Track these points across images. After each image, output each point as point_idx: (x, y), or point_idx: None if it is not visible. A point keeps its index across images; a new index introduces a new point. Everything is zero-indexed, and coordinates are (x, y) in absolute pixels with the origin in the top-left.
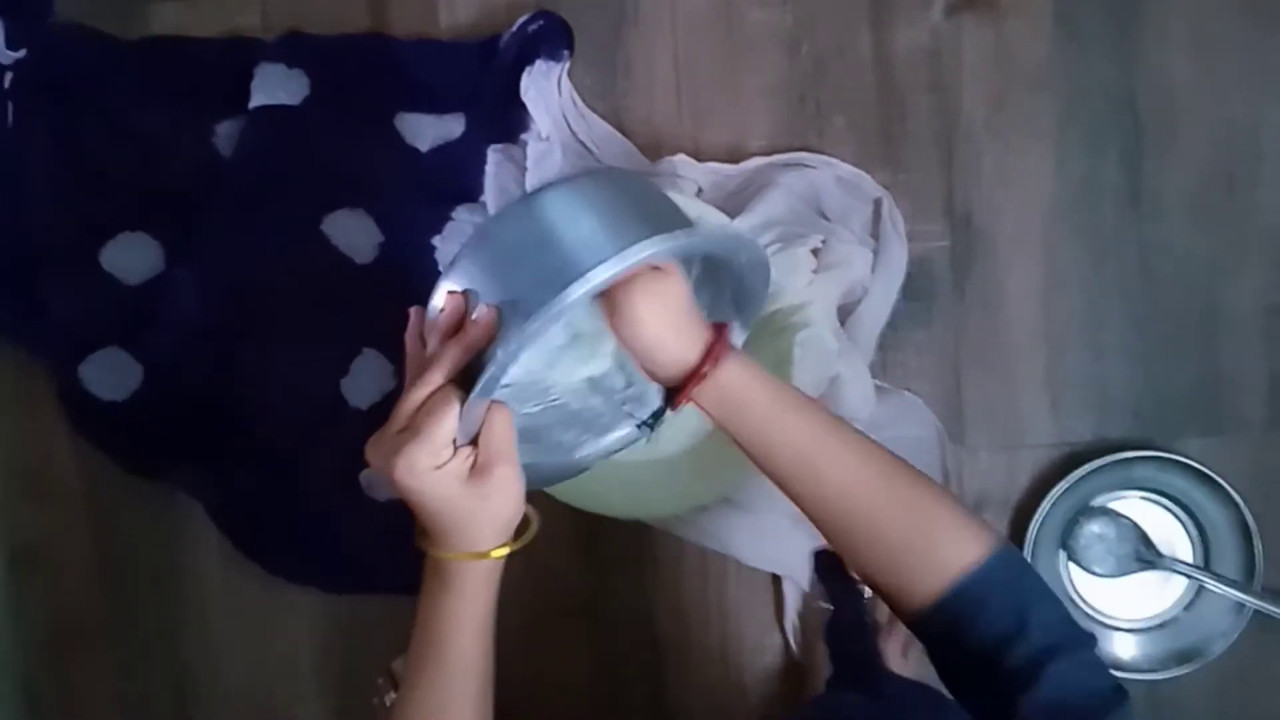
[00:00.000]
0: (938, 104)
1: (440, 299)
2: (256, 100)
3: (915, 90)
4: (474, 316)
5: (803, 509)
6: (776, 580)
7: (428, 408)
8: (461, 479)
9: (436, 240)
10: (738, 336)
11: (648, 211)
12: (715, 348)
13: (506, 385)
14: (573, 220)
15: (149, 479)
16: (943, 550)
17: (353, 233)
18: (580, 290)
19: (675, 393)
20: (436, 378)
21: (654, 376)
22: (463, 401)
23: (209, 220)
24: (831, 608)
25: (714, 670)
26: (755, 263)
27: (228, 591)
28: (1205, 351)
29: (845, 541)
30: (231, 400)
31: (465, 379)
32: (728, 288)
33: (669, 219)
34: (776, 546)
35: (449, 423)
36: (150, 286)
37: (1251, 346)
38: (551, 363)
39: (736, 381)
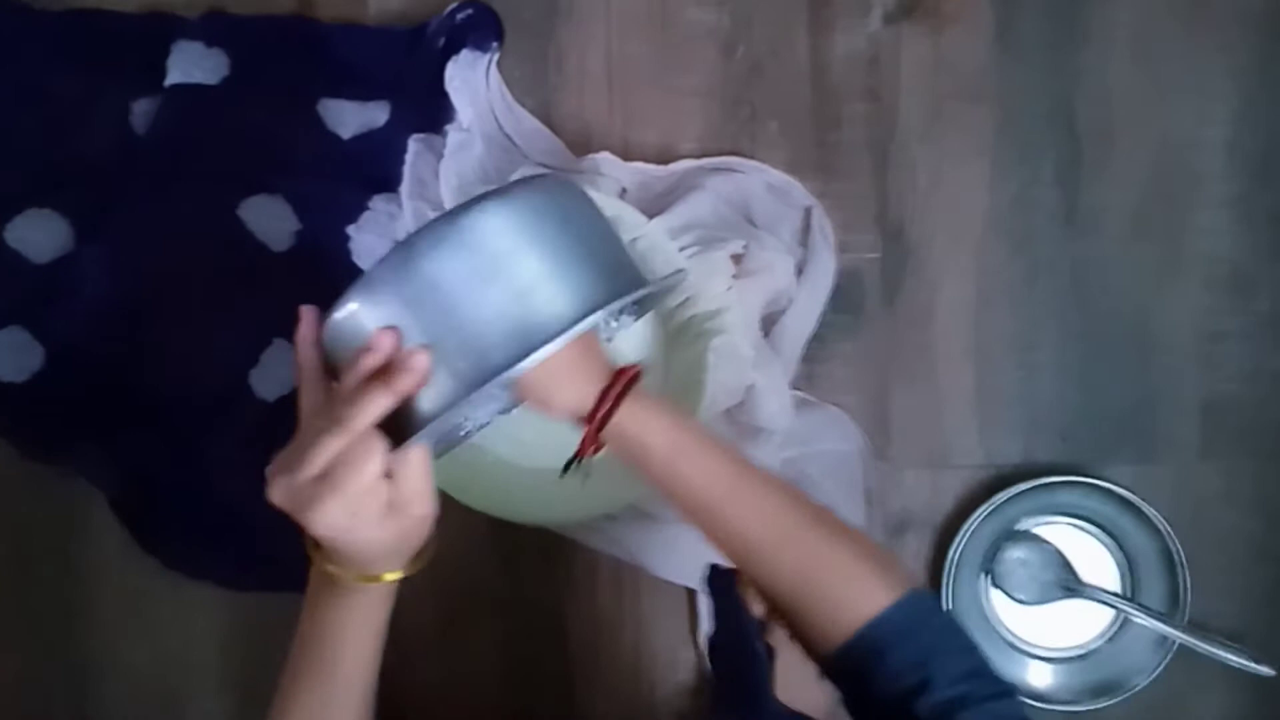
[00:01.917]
0: (873, 113)
1: (349, 314)
2: (172, 78)
3: (851, 98)
4: (409, 364)
5: (712, 543)
6: (691, 593)
7: (348, 459)
8: (377, 520)
9: (351, 230)
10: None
11: (588, 242)
12: (610, 391)
13: None
14: (513, 255)
15: (46, 464)
16: (846, 597)
17: (270, 219)
18: (531, 362)
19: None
20: (359, 425)
21: (548, 414)
22: (385, 454)
23: (121, 200)
24: (716, 626)
25: (625, 681)
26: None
27: (126, 583)
28: (1137, 376)
29: (754, 582)
30: (135, 387)
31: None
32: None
33: (608, 249)
34: (687, 559)
35: (370, 476)
36: (57, 266)
37: (1184, 373)
38: None
39: (634, 427)
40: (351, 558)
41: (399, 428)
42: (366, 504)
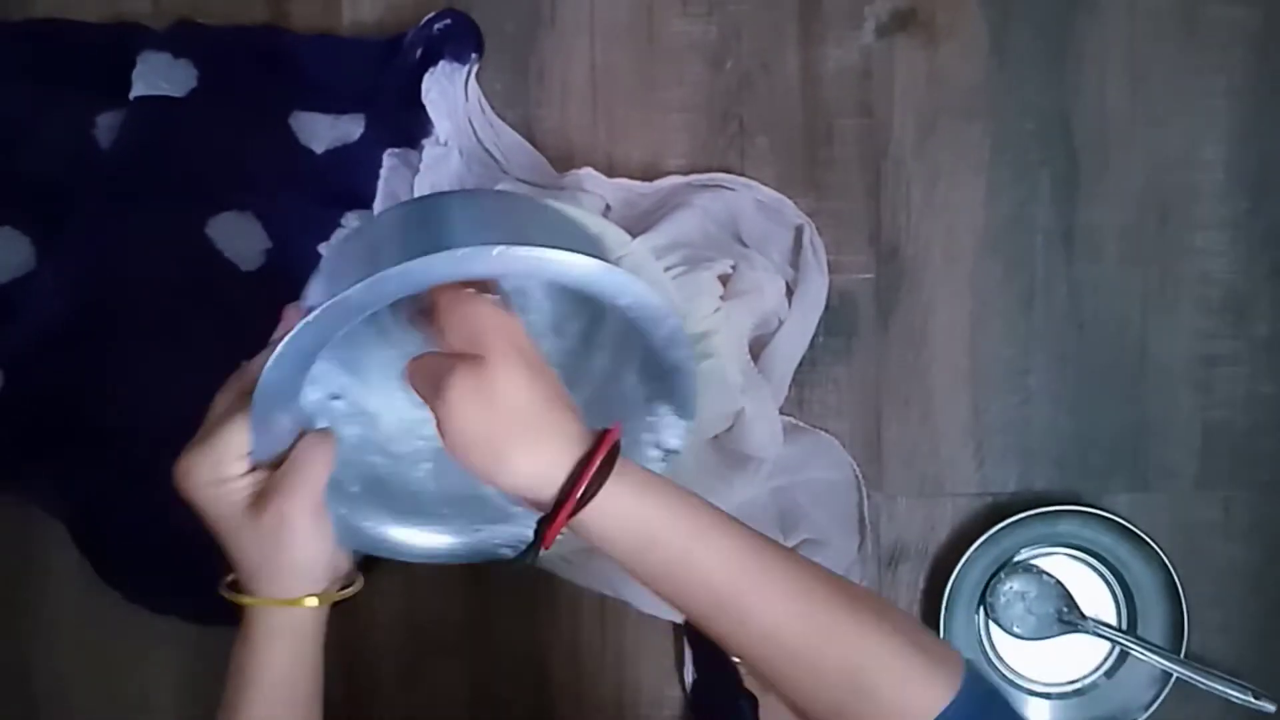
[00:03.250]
0: (866, 128)
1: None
2: (137, 90)
3: (843, 113)
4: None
5: (729, 651)
6: (679, 629)
7: (218, 414)
8: (241, 505)
9: (323, 248)
10: (676, 434)
11: (559, 234)
12: (592, 463)
13: (338, 399)
14: (451, 219)
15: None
16: (890, 701)
17: (239, 237)
18: (390, 286)
19: (544, 522)
20: (234, 384)
21: (494, 487)
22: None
23: (84, 217)
24: (696, 675)
25: None
26: (651, 317)
27: (84, 619)
28: (1134, 401)
29: (780, 688)
30: (98, 412)
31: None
32: (636, 355)
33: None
34: None
35: (234, 434)
36: (18, 285)
37: (1182, 398)
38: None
39: (628, 512)
40: (233, 558)
41: None
42: (230, 468)
